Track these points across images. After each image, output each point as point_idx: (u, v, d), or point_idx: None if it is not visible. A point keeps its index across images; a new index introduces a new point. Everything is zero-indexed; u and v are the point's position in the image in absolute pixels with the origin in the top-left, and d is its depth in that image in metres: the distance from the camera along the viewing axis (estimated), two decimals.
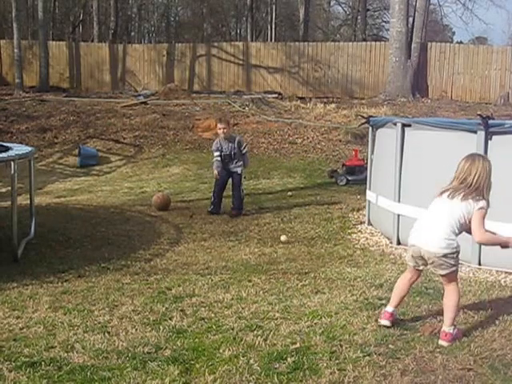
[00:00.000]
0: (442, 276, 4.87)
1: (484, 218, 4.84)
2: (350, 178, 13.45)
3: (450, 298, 4.84)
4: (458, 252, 4.82)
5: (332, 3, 52.55)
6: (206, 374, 4.14)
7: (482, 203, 4.84)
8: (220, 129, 10.70)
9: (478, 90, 25.00)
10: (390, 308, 5.08)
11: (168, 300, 5.77)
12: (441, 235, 4.79)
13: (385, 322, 5.03)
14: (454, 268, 4.81)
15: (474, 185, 4.86)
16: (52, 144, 18.41)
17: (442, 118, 14.38)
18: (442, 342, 4.68)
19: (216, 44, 29.87)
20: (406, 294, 5.16)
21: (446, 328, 4.74)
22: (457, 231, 4.85)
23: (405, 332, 4.88)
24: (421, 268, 5.02)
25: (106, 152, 17.82)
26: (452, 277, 4.85)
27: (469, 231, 4.94)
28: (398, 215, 8.01)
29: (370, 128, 9.52)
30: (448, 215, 4.84)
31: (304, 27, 36.04)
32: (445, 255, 4.75)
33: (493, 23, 78.85)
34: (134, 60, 28.52)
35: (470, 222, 4.85)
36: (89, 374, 4.13)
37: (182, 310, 5.46)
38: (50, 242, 8.49)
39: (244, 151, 10.76)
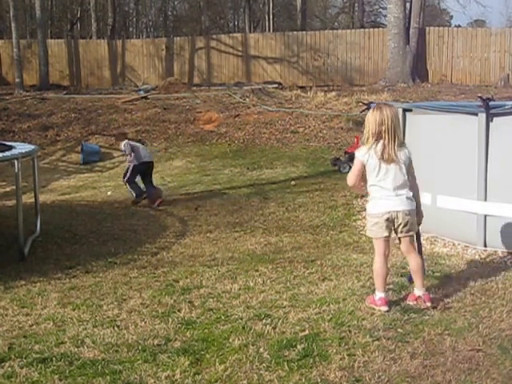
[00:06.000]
0: None
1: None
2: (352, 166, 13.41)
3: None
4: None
5: None
6: (217, 363, 4.17)
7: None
8: None
9: (477, 73, 24.89)
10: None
11: (176, 292, 5.80)
12: None
13: None
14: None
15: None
16: (54, 142, 18.42)
17: (442, 102, 14.35)
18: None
19: (214, 36, 29.76)
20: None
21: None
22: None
23: (413, 316, 4.89)
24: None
25: (109, 148, 17.79)
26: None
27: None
28: None
29: None
30: None
31: (302, 16, 35.89)
32: None
33: (490, 5, 78.34)
34: (133, 55, 28.44)
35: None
36: (100, 367, 4.16)
37: (190, 302, 5.48)
38: (56, 239, 8.53)
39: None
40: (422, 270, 5.18)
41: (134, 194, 10.98)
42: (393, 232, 5.10)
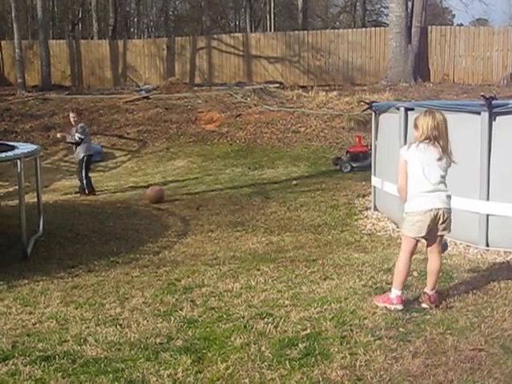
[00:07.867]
0: None
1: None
2: (354, 165, 13.44)
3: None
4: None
5: None
6: (219, 362, 4.17)
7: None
8: (72, 117, 12.46)
9: (480, 72, 24.85)
10: None
11: (178, 291, 5.80)
12: None
13: None
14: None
15: None
16: (56, 142, 18.39)
17: (444, 101, 14.34)
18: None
19: (215, 36, 29.77)
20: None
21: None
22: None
23: (415, 315, 4.89)
24: None
25: (111, 148, 17.85)
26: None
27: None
28: None
29: (373, 113, 9.50)
30: None
31: (303, 16, 35.85)
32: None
33: (493, 4, 77.96)
34: (134, 55, 28.47)
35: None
36: (102, 366, 4.17)
37: (192, 301, 5.49)
38: (59, 239, 8.55)
39: (77, 137, 12.14)
40: (437, 274, 5.20)
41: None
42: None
